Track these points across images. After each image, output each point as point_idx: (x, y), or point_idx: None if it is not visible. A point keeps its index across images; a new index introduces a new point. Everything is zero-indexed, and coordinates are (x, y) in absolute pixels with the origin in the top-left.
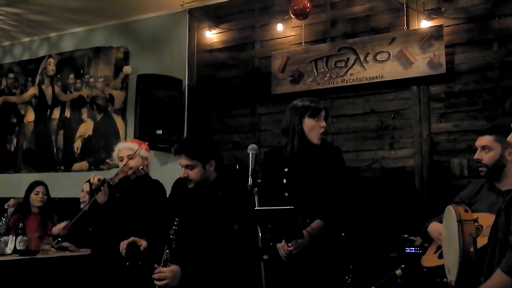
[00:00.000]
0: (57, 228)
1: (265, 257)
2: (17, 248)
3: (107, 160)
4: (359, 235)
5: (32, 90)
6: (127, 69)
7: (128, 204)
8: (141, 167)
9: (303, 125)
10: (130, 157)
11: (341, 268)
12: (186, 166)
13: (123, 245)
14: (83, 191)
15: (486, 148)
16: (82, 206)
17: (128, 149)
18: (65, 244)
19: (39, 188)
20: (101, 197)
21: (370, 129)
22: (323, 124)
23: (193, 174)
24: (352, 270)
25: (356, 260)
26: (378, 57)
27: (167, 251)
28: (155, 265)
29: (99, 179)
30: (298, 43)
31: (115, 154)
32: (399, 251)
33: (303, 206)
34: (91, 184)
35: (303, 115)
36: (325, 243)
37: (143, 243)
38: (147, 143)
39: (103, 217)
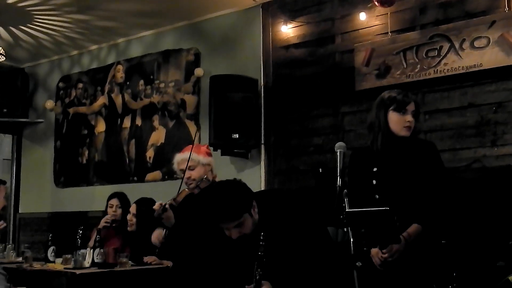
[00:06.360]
0: (156, 238)
1: (359, 263)
2: (95, 261)
3: None
4: (460, 242)
5: (102, 100)
6: (198, 71)
7: (192, 222)
8: (205, 176)
9: (388, 119)
10: (192, 169)
11: (442, 278)
12: (236, 227)
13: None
14: (129, 213)
15: None
16: (129, 228)
17: (186, 161)
18: (148, 259)
19: (113, 201)
20: (167, 222)
21: (469, 125)
22: (409, 119)
23: (246, 228)
24: (456, 278)
25: (458, 269)
26: (475, 44)
27: (258, 270)
28: (246, 286)
29: (160, 204)
30: (384, 33)
31: (175, 167)
32: (507, 260)
33: (396, 209)
34: (138, 207)
35: (388, 108)
36: (423, 250)
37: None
38: (206, 145)
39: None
